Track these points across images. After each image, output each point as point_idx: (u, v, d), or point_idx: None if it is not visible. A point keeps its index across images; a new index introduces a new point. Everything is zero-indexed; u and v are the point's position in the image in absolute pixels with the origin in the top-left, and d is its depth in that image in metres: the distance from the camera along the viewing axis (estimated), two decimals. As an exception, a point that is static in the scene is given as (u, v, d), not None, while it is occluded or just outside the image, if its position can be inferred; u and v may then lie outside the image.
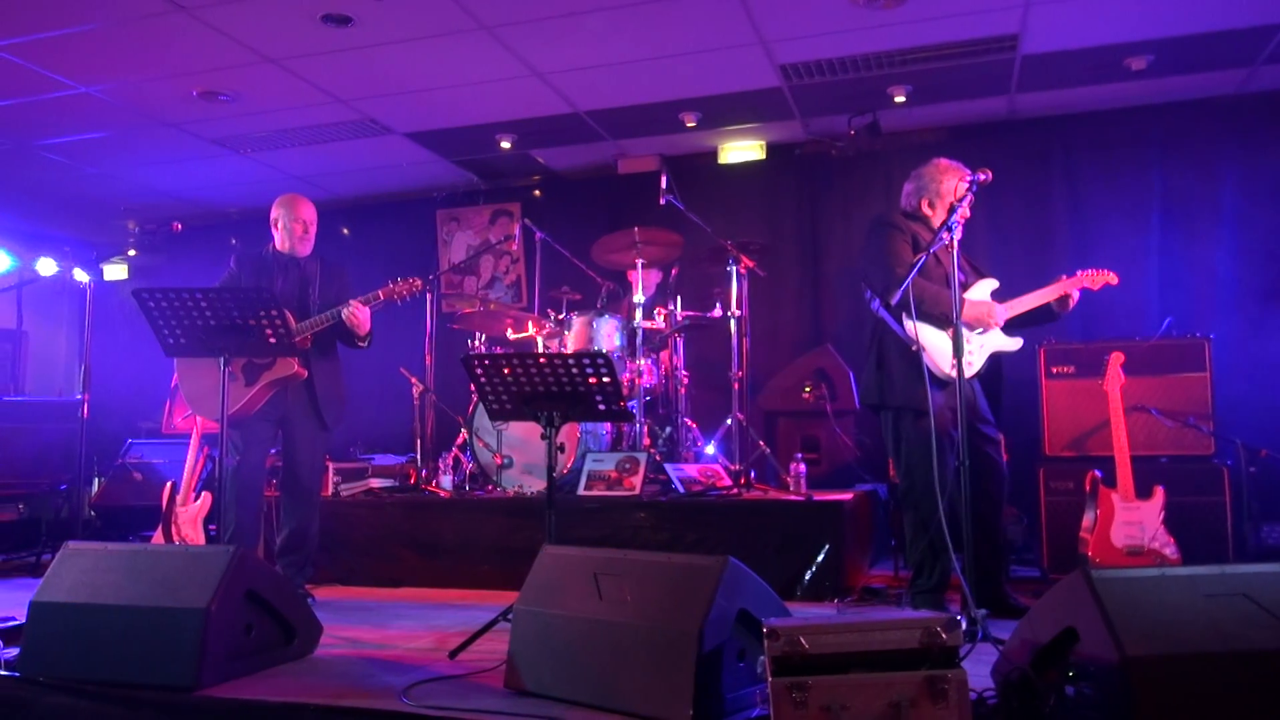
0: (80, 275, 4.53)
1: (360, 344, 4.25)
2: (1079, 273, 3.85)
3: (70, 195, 7.34)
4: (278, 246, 4.34)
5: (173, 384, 6.75)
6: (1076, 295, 3.77)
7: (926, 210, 3.76)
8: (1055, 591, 2.35)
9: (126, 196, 7.46)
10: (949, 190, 3.68)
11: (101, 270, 4.50)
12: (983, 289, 3.73)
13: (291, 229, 4.29)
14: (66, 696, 2.57)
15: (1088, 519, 3.97)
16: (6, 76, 5.15)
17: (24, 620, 2.91)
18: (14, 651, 2.90)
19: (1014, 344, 3.73)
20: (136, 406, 7.17)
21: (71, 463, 6.28)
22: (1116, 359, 4.11)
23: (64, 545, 3.07)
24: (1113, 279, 3.87)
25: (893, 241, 3.67)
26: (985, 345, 3.67)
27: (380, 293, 4.17)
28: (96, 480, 6.49)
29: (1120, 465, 3.93)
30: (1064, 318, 3.88)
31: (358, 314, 4.09)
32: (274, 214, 4.35)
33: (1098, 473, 4.00)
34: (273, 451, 4.43)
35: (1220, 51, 5.10)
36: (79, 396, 4.33)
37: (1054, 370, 4.61)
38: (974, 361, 3.62)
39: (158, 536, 4.84)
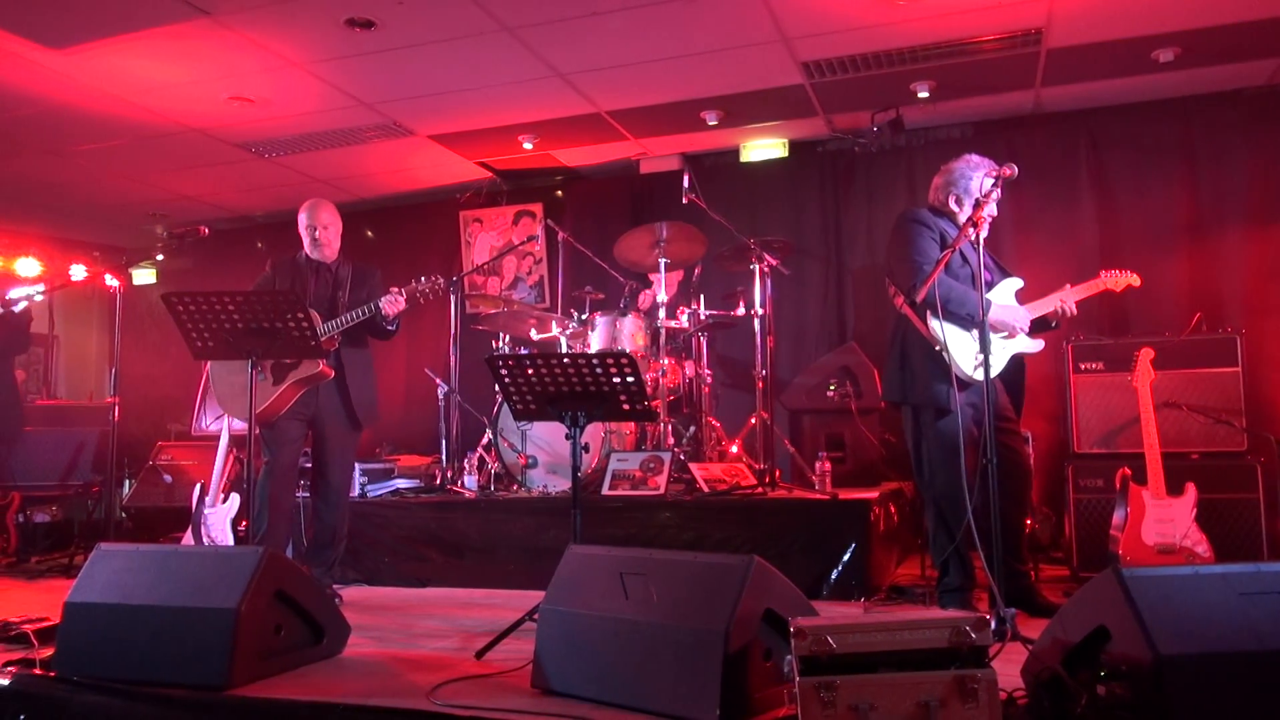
0: (110, 280, 4.59)
1: (389, 327, 4.27)
2: (1101, 273, 3.80)
3: (99, 201, 7.44)
4: (306, 251, 4.39)
5: (201, 387, 6.84)
6: (1073, 308, 3.71)
7: (954, 206, 3.72)
8: (1086, 590, 2.32)
9: (155, 202, 7.56)
10: (978, 187, 3.64)
11: (130, 275, 4.55)
12: (1007, 289, 3.69)
13: (312, 234, 4.35)
14: (100, 695, 2.60)
15: (1118, 517, 3.92)
16: (41, 80, 5.23)
17: (58, 620, 2.95)
18: (49, 651, 2.95)
19: (1035, 346, 3.70)
20: (166, 409, 7.26)
21: (103, 465, 6.39)
22: (1146, 354, 4.06)
23: (96, 546, 3.11)
24: (1135, 280, 3.82)
25: (918, 238, 3.63)
26: (1008, 347, 3.64)
27: (405, 290, 4.20)
28: (127, 482, 6.57)
29: (1151, 462, 3.88)
30: (1076, 320, 3.84)
31: (397, 303, 4.15)
32: (299, 220, 4.41)
33: (1128, 470, 3.95)
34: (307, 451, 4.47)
35: (1250, 42, 5.01)
36: (110, 400, 4.38)
37: (1082, 366, 4.56)
38: (995, 363, 3.56)
39: (187, 537, 4.89)
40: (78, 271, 7.31)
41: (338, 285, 4.34)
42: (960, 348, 3.53)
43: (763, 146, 6.60)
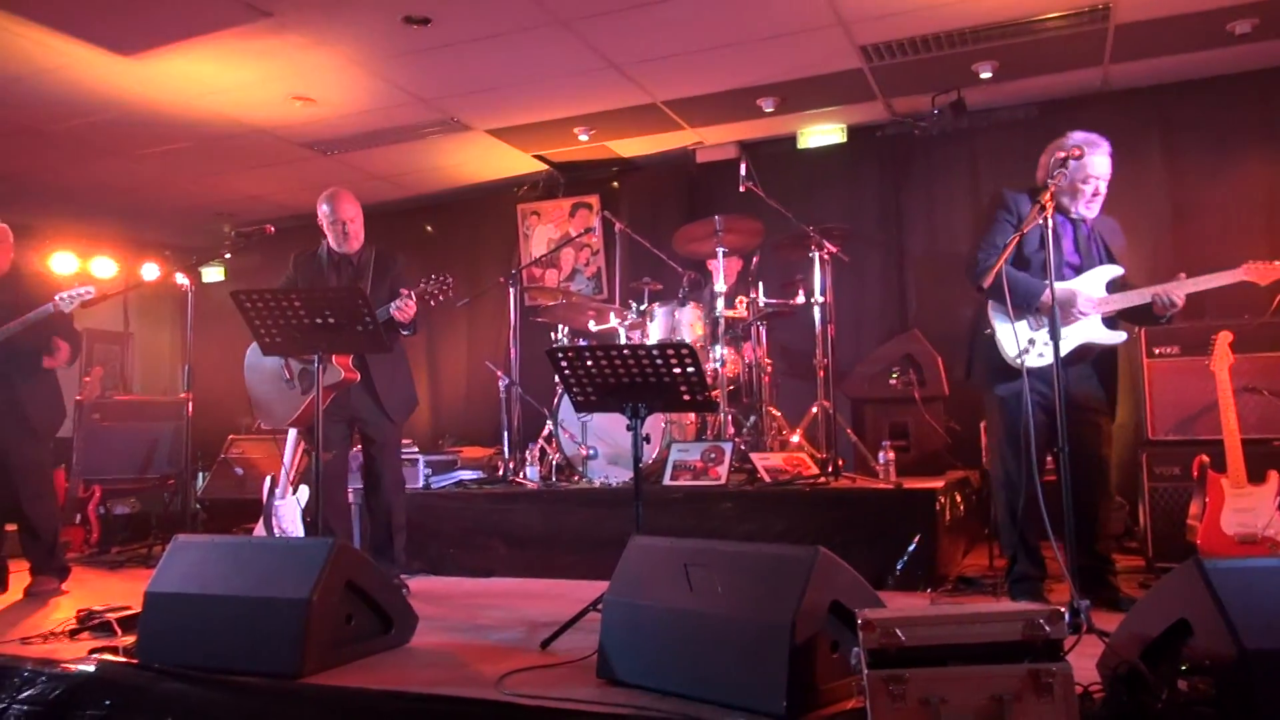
0: (180, 279, 4.71)
1: (404, 333, 4.18)
2: (1245, 265, 3.54)
3: (168, 202, 7.65)
4: (332, 244, 4.39)
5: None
6: (1181, 300, 3.49)
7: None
8: (1166, 583, 2.26)
9: (222, 201, 7.75)
10: (1077, 166, 3.52)
11: (200, 273, 4.69)
12: (1096, 277, 3.56)
13: (340, 229, 4.32)
14: (180, 683, 2.68)
15: (1195, 506, 3.80)
16: (113, 86, 5.38)
17: (139, 609, 3.05)
18: (131, 639, 3.04)
19: (1108, 336, 3.54)
20: (236, 403, 7.43)
21: (178, 458, 6.59)
22: (1224, 337, 3.92)
23: (174, 538, 3.21)
24: None
25: (995, 223, 3.59)
26: (1068, 336, 3.51)
27: (414, 292, 4.06)
28: (201, 475, 6.76)
29: (1230, 449, 3.74)
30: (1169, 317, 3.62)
31: (407, 309, 4.03)
32: (319, 212, 4.38)
33: (1205, 457, 3.82)
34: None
35: (1333, 10, 4.81)
36: (183, 395, 4.50)
37: (1156, 351, 4.42)
38: (1045, 353, 3.47)
39: (259, 529, 5.01)
40: (150, 271, 7.56)
41: (358, 275, 4.33)
42: (1006, 334, 3.53)
43: (820, 132, 6.52)
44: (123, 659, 2.93)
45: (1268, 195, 5.49)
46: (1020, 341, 3.53)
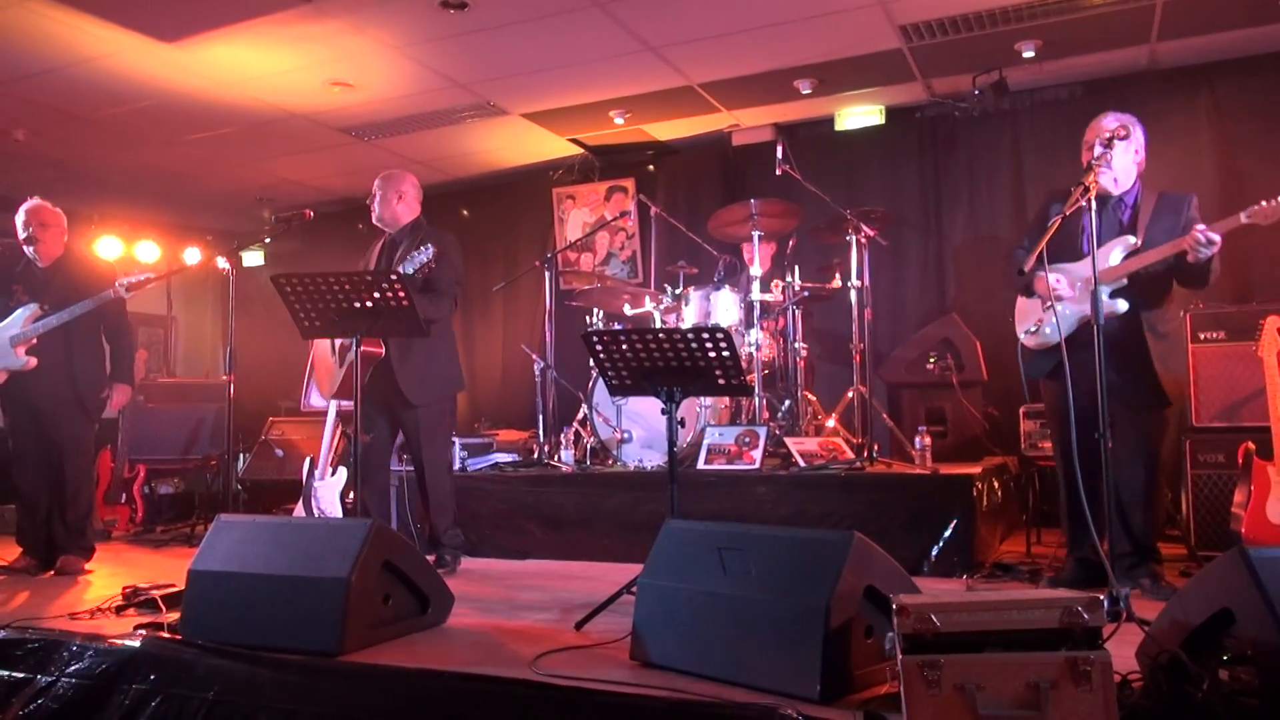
0: (221, 263, 4.78)
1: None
2: (1246, 210, 3.23)
3: (210, 187, 7.76)
4: (373, 220, 4.49)
5: (309, 364, 7.09)
6: (1213, 242, 3.20)
7: None
8: (1208, 571, 2.22)
9: (261, 186, 7.84)
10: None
11: (240, 258, 4.74)
12: (1115, 251, 3.50)
13: (371, 203, 4.43)
14: (223, 659, 2.73)
15: (1240, 494, 3.73)
16: (156, 73, 5.46)
17: (183, 587, 3.11)
18: (175, 616, 3.11)
19: (1105, 308, 3.28)
20: (276, 386, 7.56)
21: (220, 440, 6.70)
22: (1273, 322, 3.83)
23: (217, 517, 3.27)
24: None
25: (1041, 211, 3.65)
26: (1066, 317, 3.45)
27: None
28: (242, 456, 6.87)
29: (1277, 436, 3.67)
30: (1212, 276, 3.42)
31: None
32: None
33: (1251, 444, 3.75)
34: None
35: (1393, -16, 4.66)
36: (225, 377, 4.58)
37: (1201, 336, 4.33)
38: (1046, 333, 3.56)
39: (298, 509, 5.09)
40: (191, 255, 7.68)
41: (391, 257, 4.36)
42: (1021, 311, 3.68)
43: (858, 114, 6.44)
44: (167, 635, 2.99)
45: (1320, 175, 5.35)
46: (1025, 321, 3.67)
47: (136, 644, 2.91)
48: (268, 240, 7.72)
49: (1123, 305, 3.40)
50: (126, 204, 8.06)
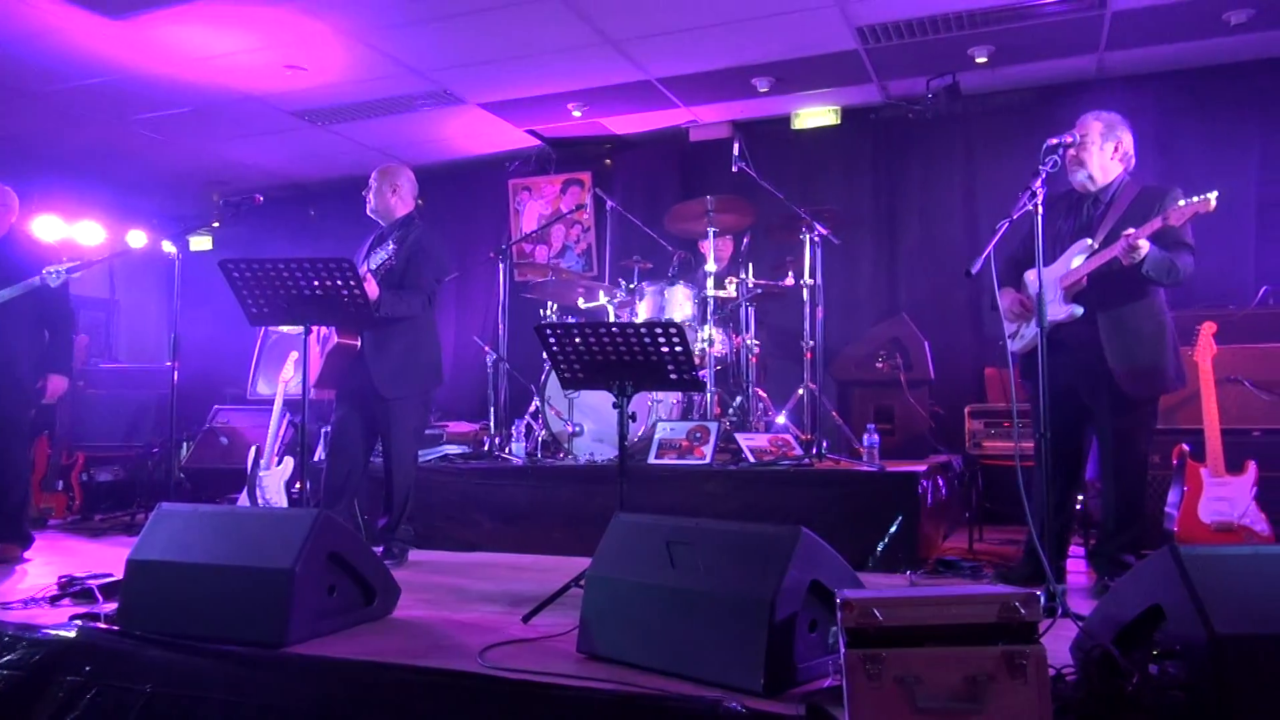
0: (168, 247, 4.68)
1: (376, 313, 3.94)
2: (1172, 209, 3.26)
3: (158, 169, 7.59)
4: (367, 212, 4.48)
5: (256, 352, 6.98)
6: (1135, 247, 3.21)
7: None
8: (1141, 569, 2.29)
9: (211, 169, 7.69)
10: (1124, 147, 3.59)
11: (188, 242, 4.62)
12: (1065, 260, 3.56)
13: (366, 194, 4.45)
14: (161, 650, 2.68)
15: (1174, 494, 3.84)
16: (101, 50, 5.32)
17: (121, 577, 3.05)
18: (112, 606, 3.05)
19: (1058, 313, 3.40)
20: (222, 373, 7.42)
21: (162, 427, 6.57)
22: (1208, 328, 3.95)
23: (157, 506, 3.19)
24: (1211, 203, 3.22)
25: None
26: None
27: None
28: (185, 444, 6.74)
29: (1210, 439, 3.78)
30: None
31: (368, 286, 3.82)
32: None
33: (1185, 446, 3.86)
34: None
35: (1329, 3, 4.82)
36: (169, 364, 4.48)
37: (1141, 340, 4.43)
38: (1025, 334, 3.60)
39: (243, 498, 5.01)
40: (136, 238, 7.49)
41: (381, 246, 4.32)
42: (1006, 326, 3.70)
43: (815, 114, 6.51)
44: (104, 625, 2.92)
45: (1259, 183, 5.51)
46: (1010, 328, 3.66)
47: (72, 634, 2.84)
48: (216, 225, 7.55)
49: (1079, 310, 3.43)
50: (70, 183, 7.83)
